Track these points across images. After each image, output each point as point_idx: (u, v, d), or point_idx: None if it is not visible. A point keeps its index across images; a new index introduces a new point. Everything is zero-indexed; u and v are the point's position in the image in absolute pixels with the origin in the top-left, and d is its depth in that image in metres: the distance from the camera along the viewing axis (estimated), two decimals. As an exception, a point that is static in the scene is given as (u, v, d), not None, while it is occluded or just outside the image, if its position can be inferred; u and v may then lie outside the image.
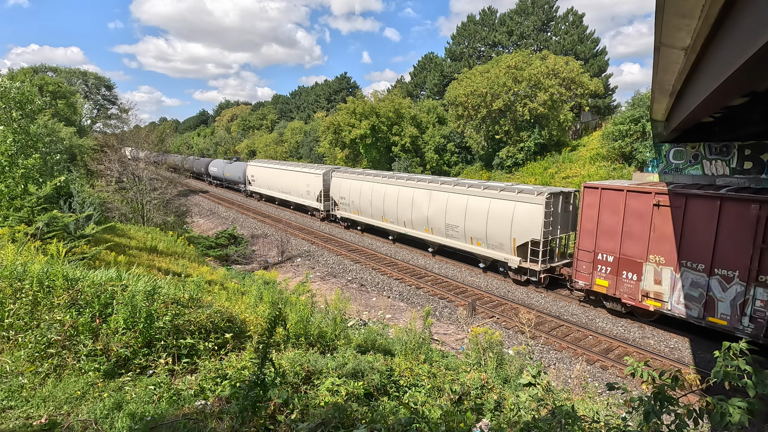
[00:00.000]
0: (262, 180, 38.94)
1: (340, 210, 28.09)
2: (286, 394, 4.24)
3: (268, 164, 38.67)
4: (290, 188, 33.91)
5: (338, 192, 27.70)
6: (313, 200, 30.97)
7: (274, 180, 36.59)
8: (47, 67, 57.78)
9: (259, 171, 39.41)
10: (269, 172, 37.46)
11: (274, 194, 37.03)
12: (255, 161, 42.56)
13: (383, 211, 24.06)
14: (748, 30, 4.30)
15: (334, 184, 28.26)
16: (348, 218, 27.80)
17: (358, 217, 26.49)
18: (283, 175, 34.95)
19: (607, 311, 14.71)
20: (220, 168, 50.50)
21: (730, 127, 16.75)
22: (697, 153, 20.82)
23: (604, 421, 3.93)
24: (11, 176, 11.56)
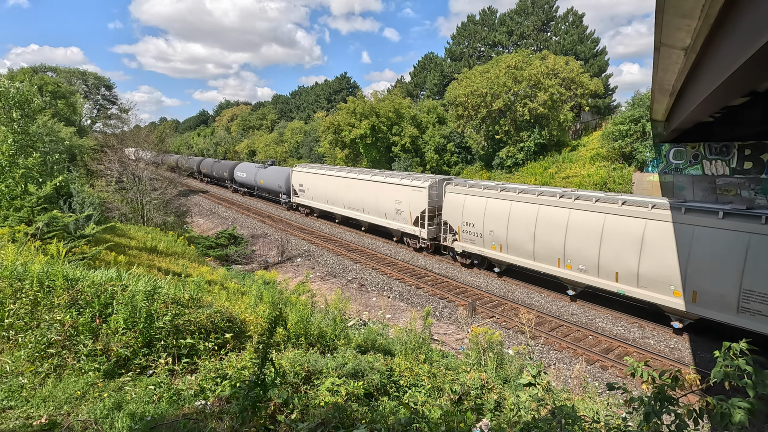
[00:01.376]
0: (315, 191, 30.63)
1: (466, 241, 19.20)
2: (286, 394, 4.24)
3: (326, 171, 29.77)
4: (365, 204, 25.74)
5: (460, 214, 19.18)
6: (405, 222, 22.59)
7: (336, 192, 28.21)
8: (47, 67, 57.81)
9: (312, 180, 31.01)
10: (329, 181, 28.97)
11: (336, 210, 28.82)
12: (303, 167, 32.98)
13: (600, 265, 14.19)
14: (748, 30, 4.30)
15: (450, 202, 19.72)
16: (491, 257, 18.48)
17: (514, 258, 17.21)
18: (354, 186, 26.46)
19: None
20: (251, 173, 42.04)
21: (730, 127, 16.75)
22: (697, 153, 20.82)
23: (604, 421, 3.93)
24: (11, 176, 11.56)
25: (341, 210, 28.23)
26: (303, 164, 34.17)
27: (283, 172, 36.44)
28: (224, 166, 49.80)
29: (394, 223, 23.53)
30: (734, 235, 11.14)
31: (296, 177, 33.00)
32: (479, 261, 19.61)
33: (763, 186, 18.50)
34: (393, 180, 23.48)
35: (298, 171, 32.90)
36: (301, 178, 32.40)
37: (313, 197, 31.15)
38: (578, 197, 14.97)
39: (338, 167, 30.69)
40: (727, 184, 19.72)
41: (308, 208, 32.64)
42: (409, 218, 22.34)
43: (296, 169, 33.16)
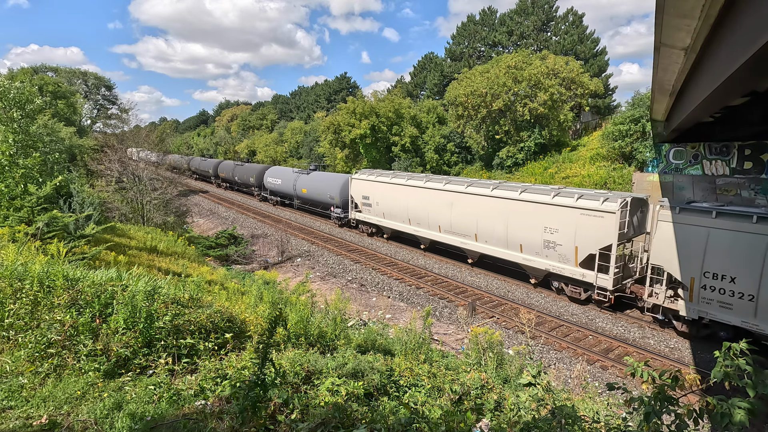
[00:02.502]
0: (389, 205, 23.33)
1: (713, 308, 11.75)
2: (286, 394, 4.24)
3: (409, 180, 22.20)
4: (481, 228, 18.22)
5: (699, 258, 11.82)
6: (561, 261, 15.47)
7: (427, 209, 20.74)
8: (47, 67, 57.86)
9: (385, 191, 23.50)
10: (414, 194, 21.43)
11: (423, 233, 21.39)
12: (368, 173, 25.76)
13: None
14: (748, 30, 4.30)
15: (665, 232, 12.59)
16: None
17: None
18: (462, 202, 18.87)
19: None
20: (288, 180, 34.53)
21: (730, 127, 16.76)
22: (697, 153, 20.81)
23: (605, 422, 3.93)
24: (11, 176, 11.56)
25: (433, 234, 20.77)
26: (366, 170, 27.05)
27: (336, 179, 29.05)
28: (250, 171, 42.35)
29: (539, 261, 16.16)
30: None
31: (357, 186, 25.75)
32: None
33: (763, 186, 18.50)
34: (540, 196, 15.92)
35: (360, 179, 25.67)
36: (365, 188, 25.06)
37: (384, 213, 23.88)
38: None
39: (425, 175, 22.88)
40: (727, 184, 19.72)
41: (374, 227, 25.66)
42: (572, 255, 15.02)
43: (358, 177, 25.95)
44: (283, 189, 35.68)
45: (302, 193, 32.40)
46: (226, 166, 49.74)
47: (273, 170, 38.34)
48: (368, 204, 25.16)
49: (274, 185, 37.26)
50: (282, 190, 36.10)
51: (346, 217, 28.00)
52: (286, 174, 35.42)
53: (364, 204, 25.62)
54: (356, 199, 26.22)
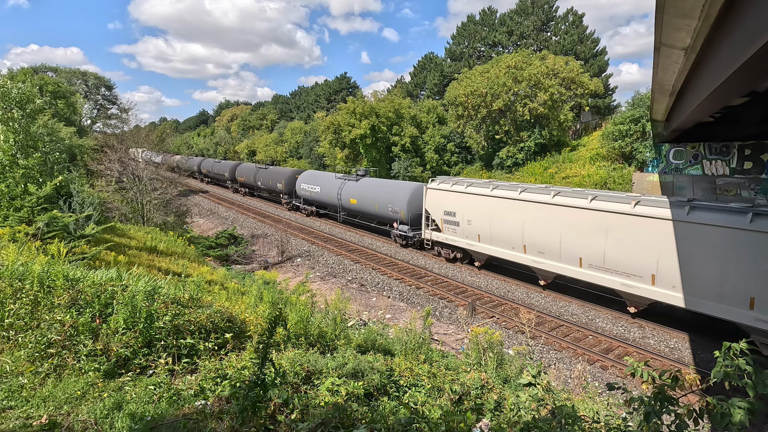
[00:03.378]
0: (488, 226, 17.64)
1: None
2: (286, 394, 4.24)
3: (515, 192, 16.68)
4: (692, 275, 11.77)
5: None
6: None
7: (564, 234, 14.97)
8: (47, 67, 57.89)
9: (478, 206, 18.09)
10: (530, 211, 16.05)
11: (571, 272, 15.03)
12: (448, 182, 19.93)
13: None
14: (748, 30, 4.30)
15: None
16: None
17: None
18: (629, 227, 13.18)
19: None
20: (329, 187, 29.07)
21: (730, 127, 16.76)
22: (697, 153, 20.81)
23: (605, 422, 3.93)
24: (12, 176, 11.56)
25: (568, 268, 14.99)
26: (448, 177, 20.87)
27: (401, 189, 23.22)
28: (277, 175, 37.20)
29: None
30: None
31: (437, 198, 20.14)
32: None
33: (763, 186, 18.50)
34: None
35: (441, 189, 19.94)
36: (449, 201, 19.47)
37: (480, 235, 18.15)
38: None
39: (546, 186, 17.28)
40: (727, 184, 19.72)
41: (459, 251, 20.02)
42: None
43: (437, 186, 20.20)
44: (322, 198, 30.23)
45: (350, 203, 26.90)
46: (246, 170, 44.02)
47: (308, 175, 32.96)
48: (453, 222, 19.36)
49: (310, 193, 31.60)
50: (321, 199, 30.55)
51: (416, 237, 22.35)
52: (327, 180, 29.94)
53: (447, 222, 19.72)
54: (434, 214, 20.39)
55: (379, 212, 24.53)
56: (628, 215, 13.14)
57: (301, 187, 32.71)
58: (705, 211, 11.65)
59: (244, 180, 44.28)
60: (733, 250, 10.87)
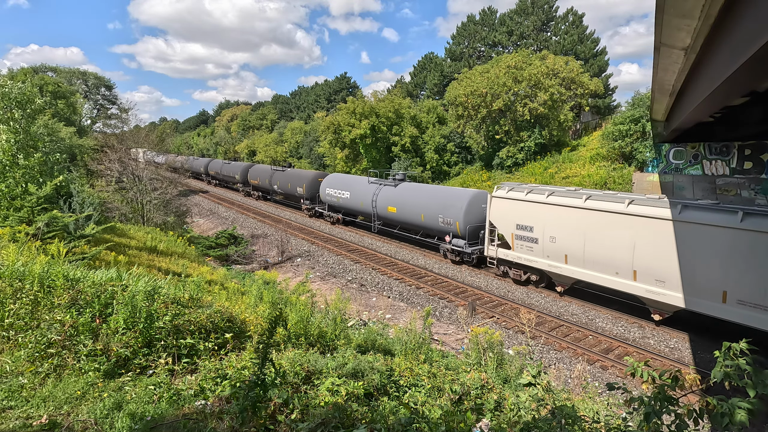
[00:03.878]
0: (580, 244, 14.61)
1: None
2: (286, 394, 4.24)
3: (623, 205, 13.46)
4: None
5: None
6: None
7: (700, 258, 11.57)
8: (47, 67, 57.88)
9: (563, 219, 15.11)
10: (646, 227, 12.78)
11: (713, 309, 11.41)
12: (521, 190, 16.85)
13: None
14: (748, 30, 4.30)
15: None
16: None
17: None
18: None
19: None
20: (362, 193, 26.01)
21: (730, 127, 16.77)
22: (697, 153, 20.81)
23: (605, 422, 3.93)
24: (12, 176, 11.57)
25: (708, 304, 11.55)
26: (518, 185, 17.20)
27: (455, 197, 20.12)
28: (297, 179, 33.67)
29: None
30: None
31: (505, 208, 16.92)
32: None
33: (763, 186, 18.50)
34: None
35: (511, 198, 16.68)
36: (522, 212, 16.34)
37: (568, 255, 15.04)
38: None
39: (659, 197, 13.82)
40: (727, 184, 19.72)
41: (536, 273, 16.74)
42: None
43: (505, 195, 16.92)
44: (352, 204, 26.98)
45: (387, 212, 23.81)
46: (260, 172, 40.41)
47: (335, 179, 29.45)
48: (529, 238, 16.13)
49: (337, 199, 28.23)
50: (351, 206, 27.33)
51: (474, 253, 19.22)
52: (359, 185, 26.66)
53: (520, 237, 16.46)
54: (501, 227, 17.23)
55: (427, 223, 21.29)
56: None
57: (326, 192, 29.24)
58: None
59: (257, 183, 40.83)
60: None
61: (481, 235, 19.21)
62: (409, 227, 23.66)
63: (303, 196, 32.70)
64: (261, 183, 40.02)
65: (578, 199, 14.76)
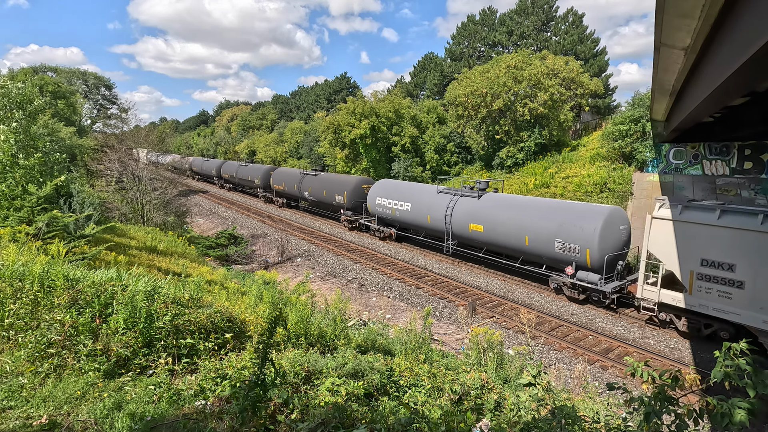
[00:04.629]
0: None
1: None
2: (286, 394, 4.24)
3: None
4: None
5: None
6: None
7: None
8: (47, 67, 57.87)
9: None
10: None
11: None
12: (717, 209, 11.83)
13: None
14: (748, 30, 4.30)
15: None
16: None
17: None
18: None
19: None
20: (428, 205, 21.40)
21: (730, 127, 16.77)
22: (697, 153, 20.80)
23: (605, 422, 3.93)
24: (12, 176, 11.56)
25: None
26: (694, 203, 13.28)
27: (584, 215, 15.47)
28: (334, 184, 29.18)
29: None
30: None
31: (681, 236, 12.48)
32: None
33: (763, 186, 18.49)
34: None
35: (690, 222, 12.29)
36: (720, 244, 11.67)
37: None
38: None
39: None
40: (727, 184, 19.71)
41: (731, 327, 12.01)
42: None
43: (678, 216, 12.57)
44: (414, 218, 22.04)
45: (471, 231, 18.66)
46: (286, 176, 35.39)
47: (388, 187, 24.45)
48: (725, 280, 11.55)
49: (392, 211, 23.31)
50: (412, 221, 22.34)
51: (612, 292, 14.76)
52: (424, 195, 21.63)
53: (706, 277, 11.89)
54: (668, 260, 12.78)
55: (534, 248, 16.56)
56: None
57: (377, 202, 24.54)
58: None
59: (282, 189, 35.75)
60: None
61: (619, 268, 15.20)
62: (501, 251, 18.43)
63: (343, 205, 27.96)
64: (287, 189, 35.09)
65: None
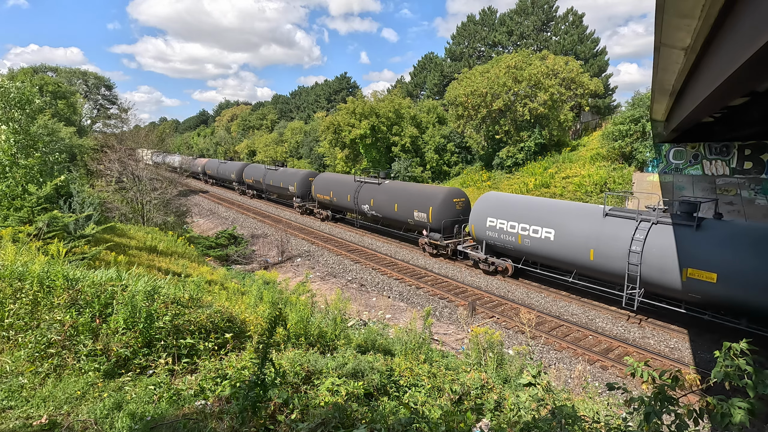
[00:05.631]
0: None
1: None
2: (286, 394, 4.24)
3: None
4: None
5: None
6: None
7: None
8: (47, 67, 57.91)
9: None
10: None
11: None
12: None
13: None
14: (748, 30, 4.30)
15: None
16: None
17: None
18: None
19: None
20: (596, 236, 14.16)
21: (730, 127, 16.77)
22: (697, 153, 20.81)
23: (605, 422, 3.93)
24: (12, 176, 11.56)
25: None
26: None
27: None
28: (411, 196, 22.54)
29: None
30: None
31: None
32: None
33: (763, 186, 18.50)
34: None
35: None
36: None
37: None
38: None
39: None
40: (727, 184, 19.72)
41: None
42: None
43: None
44: (562, 252, 15.28)
45: (703, 281, 11.75)
46: (333, 184, 28.83)
47: (504, 204, 17.81)
48: None
49: (517, 238, 16.65)
50: (559, 255, 15.47)
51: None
52: (581, 221, 14.95)
53: None
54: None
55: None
56: None
57: (488, 224, 17.61)
58: None
59: (330, 199, 28.74)
60: None
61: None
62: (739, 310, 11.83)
63: (426, 223, 21.34)
64: (338, 200, 28.35)
65: None
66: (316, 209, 31.88)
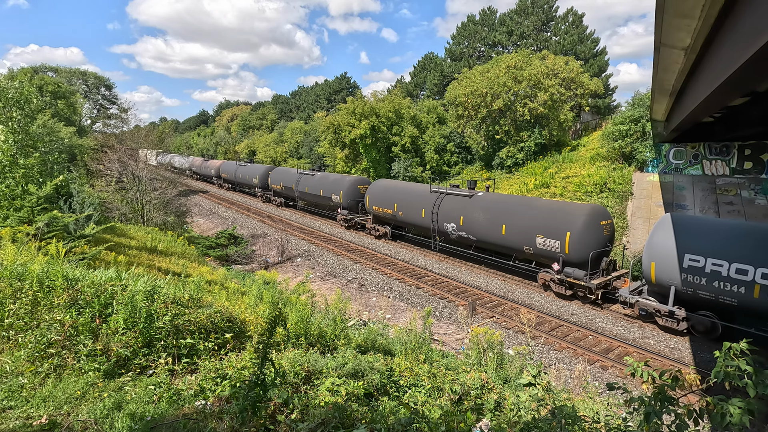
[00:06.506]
0: None
1: None
2: (286, 394, 4.24)
3: None
4: None
5: None
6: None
7: None
8: (47, 67, 57.87)
9: None
10: None
11: None
12: None
13: None
14: (748, 30, 4.30)
15: None
16: None
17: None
18: None
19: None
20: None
21: (730, 127, 16.77)
22: (697, 153, 20.79)
23: (605, 422, 3.92)
24: (12, 176, 11.55)
25: None
26: None
27: None
28: (522, 212, 17.15)
29: None
30: None
31: None
32: None
33: (763, 186, 18.48)
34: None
35: None
36: None
37: None
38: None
39: None
40: (727, 184, 19.70)
41: None
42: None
43: None
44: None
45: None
46: (396, 193, 23.93)
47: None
48: None
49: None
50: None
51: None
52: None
53: None
54: None
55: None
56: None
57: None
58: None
59: (394, 214, 23.65)
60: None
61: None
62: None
63: (553, 253, 15.96)
64: (402, 216, 23.39)
65: None
66: (369, 224, 26.21)
